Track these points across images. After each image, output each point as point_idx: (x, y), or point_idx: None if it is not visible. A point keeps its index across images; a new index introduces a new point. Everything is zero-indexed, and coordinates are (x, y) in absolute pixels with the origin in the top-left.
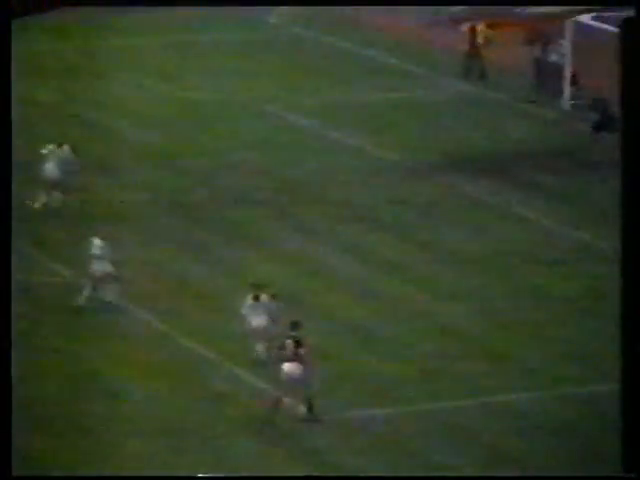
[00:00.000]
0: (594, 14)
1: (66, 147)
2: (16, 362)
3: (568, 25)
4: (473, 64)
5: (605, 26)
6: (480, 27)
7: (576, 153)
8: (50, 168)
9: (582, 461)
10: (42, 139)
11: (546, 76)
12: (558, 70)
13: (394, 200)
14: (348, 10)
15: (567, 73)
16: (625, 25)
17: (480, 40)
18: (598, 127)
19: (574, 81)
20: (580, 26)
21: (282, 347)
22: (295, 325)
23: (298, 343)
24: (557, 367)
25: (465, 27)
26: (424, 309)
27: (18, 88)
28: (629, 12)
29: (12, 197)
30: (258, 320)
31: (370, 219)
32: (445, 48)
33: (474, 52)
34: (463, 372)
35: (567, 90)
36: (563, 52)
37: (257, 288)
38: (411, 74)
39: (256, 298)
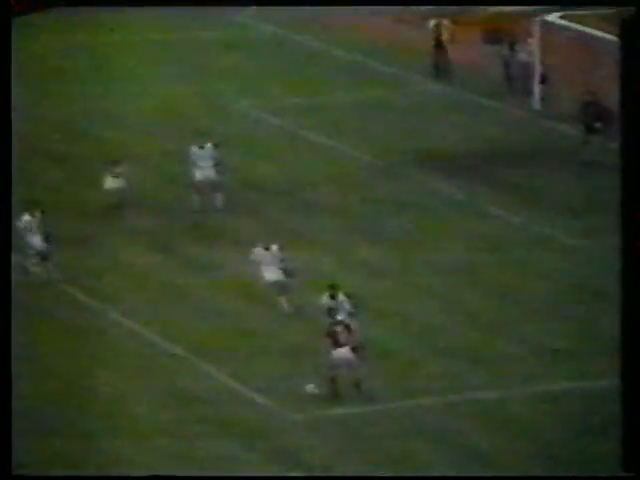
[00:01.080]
0: (561, 13)
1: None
2: None
3: (535, 24)
4: (440, 62)
5: (572, 25)
6: (445, 23)
7: (545, 151)
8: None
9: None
10: None
11: (514, 75)
12: (526, 69)
13: (367, 199)
14: (317, 9)
15: (536, 72)
16: (625, 25)
17: (445, 37)
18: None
19: (543, 80)
20: (547, 25)
21: (332, 333)
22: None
23: (348, 328)
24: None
25: (431, 24)
26: (398, 309)
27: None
28: (629, 12)
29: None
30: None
31: (343, 218)
32: (412, 47)
33: (440, 49)
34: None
35: (537, 89)
36: (531, 51)
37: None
38: (380, 73)
39: (332, 297)
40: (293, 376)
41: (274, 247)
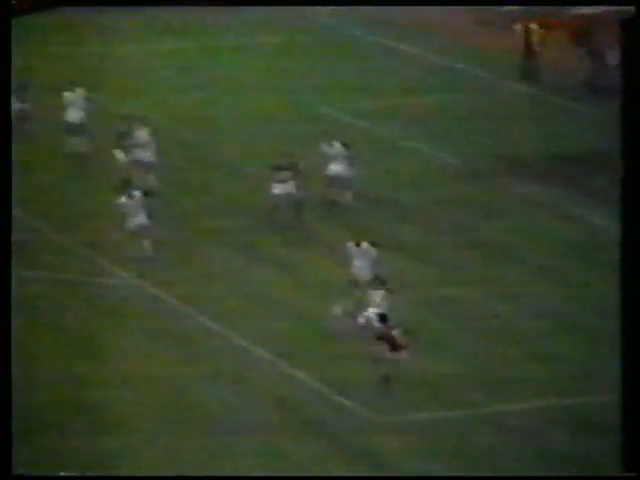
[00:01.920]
0: None
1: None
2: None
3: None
4: (529, 65)
5: None
6: (533, 27)
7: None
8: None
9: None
10: None
11: (602, 77)
12: (614, 71)
13: (452, 201)
14: (400, 10)
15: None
16: (625, 25)
17: (534, 40)
18: None
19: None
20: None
21: (387, 337)
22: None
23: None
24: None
25: (518, 27)
26: (481, 310)
27: None
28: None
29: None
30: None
31: (425, 220)
32: (499, 48)
33: (529, 53)
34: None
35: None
36: (619, 53)
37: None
38: (466, 75)
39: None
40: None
41: (365, 244)
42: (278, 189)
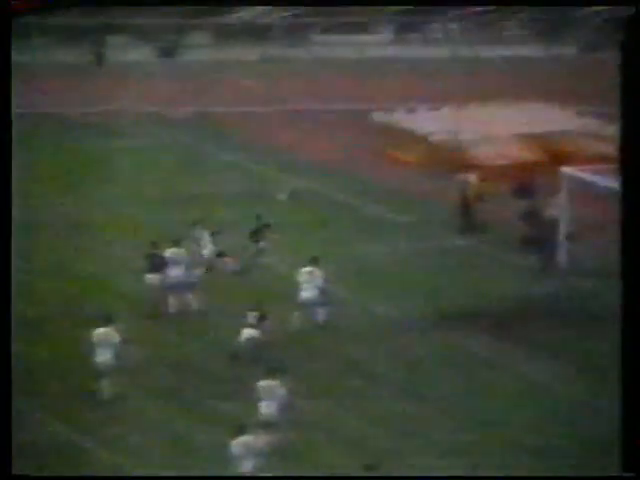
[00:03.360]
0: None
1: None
2: None
3: (564, 178)
4: (466, 217)
5: (602, 180)
6: (472, 180)
7: (575, 308)
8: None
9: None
10: None
11: (541, 230)
12: (554, 224)
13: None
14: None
15: (563, 227)
16: (625, 25)
17: (472, 193)
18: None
19: (571, 236)
20: (575, 179)
21: None
22: None
23: None
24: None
25: (458, 179)
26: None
27: None
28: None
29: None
30: None
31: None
32: (439, 200)
33: (466, 205)
34: None
35: (564, 245)
36: (559, 206)
37: None
38: (405, 225)
39: None
40: None
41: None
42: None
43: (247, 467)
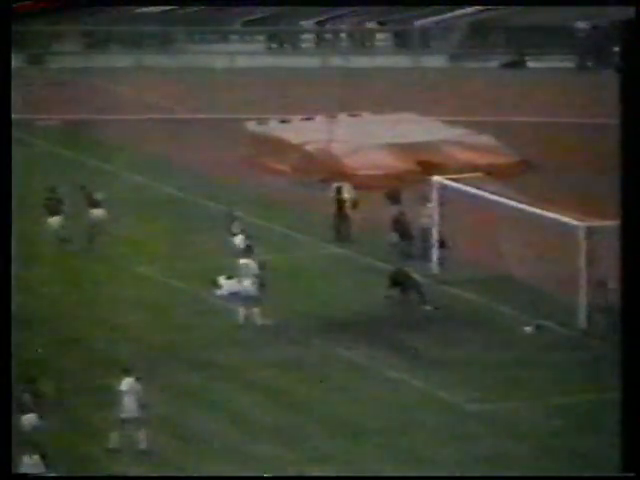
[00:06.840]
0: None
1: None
2: None
3: (434, 187)
4: (341, 225)
5: (469, 189)
6: (346, 187)
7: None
8: None
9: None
10: None
11: (412, 238)
12: (425, 232)
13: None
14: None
15: (435, 235)
16: (625, 26)
17: (346, 199)
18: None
19: (442, 244)
20: (445, 188)
21: None
22: None
23: None
24: None
25: (332, 187)
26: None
27: None
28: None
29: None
30: None
31: (242, 380)
32: (315, 209)
33: (341, 213)
34: None
35: (435, 253)
36: (430, 214)
37: None
38: (278, 234)
39: None
40: None
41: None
42: None
43: None
